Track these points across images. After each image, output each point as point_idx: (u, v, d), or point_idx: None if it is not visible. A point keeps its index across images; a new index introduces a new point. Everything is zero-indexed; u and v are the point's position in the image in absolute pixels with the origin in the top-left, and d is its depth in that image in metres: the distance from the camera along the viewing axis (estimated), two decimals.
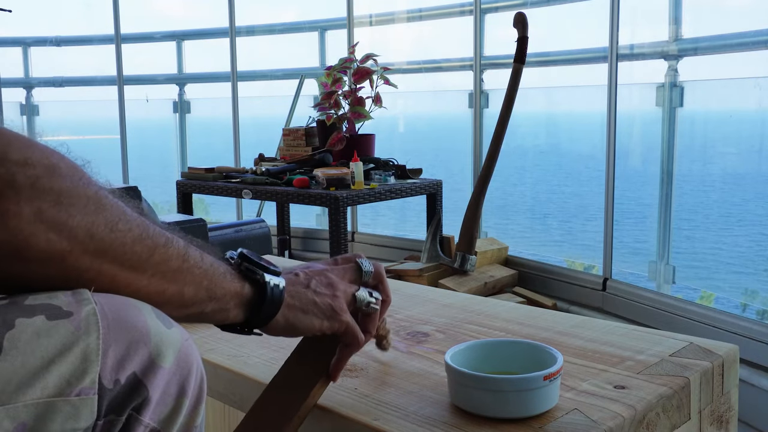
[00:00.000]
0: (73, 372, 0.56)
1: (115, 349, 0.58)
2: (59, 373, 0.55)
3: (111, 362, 0.57)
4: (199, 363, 0.66)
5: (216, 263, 0.71)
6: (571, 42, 3.46)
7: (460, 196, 3.71)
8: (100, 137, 5.99)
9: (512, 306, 1.23)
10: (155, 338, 0.60)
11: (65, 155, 0.62)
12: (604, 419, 0.77)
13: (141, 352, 0.59)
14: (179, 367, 0.62)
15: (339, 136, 3.24)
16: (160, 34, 5.26)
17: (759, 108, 2.74)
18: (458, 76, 3.94)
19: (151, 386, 0.59)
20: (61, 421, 0.55)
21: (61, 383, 0.55)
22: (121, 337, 0.58)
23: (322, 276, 0.80)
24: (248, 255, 0.75)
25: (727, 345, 0.97)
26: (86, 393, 0.56)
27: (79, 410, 0.56)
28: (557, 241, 4.11)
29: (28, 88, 5.32)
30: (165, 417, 0.61)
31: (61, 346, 0.56)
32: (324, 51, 4.53)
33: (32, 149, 0.58)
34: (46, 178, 0.57)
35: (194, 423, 0.65)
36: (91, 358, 0.56)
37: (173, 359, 0.61)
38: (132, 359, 0.58)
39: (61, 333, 0.56)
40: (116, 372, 0.57)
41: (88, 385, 0.56)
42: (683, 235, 3.13)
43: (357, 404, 0.84)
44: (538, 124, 4.05)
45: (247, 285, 0.73)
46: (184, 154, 5.14)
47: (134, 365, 0.59)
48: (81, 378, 0.56)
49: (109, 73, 4.88)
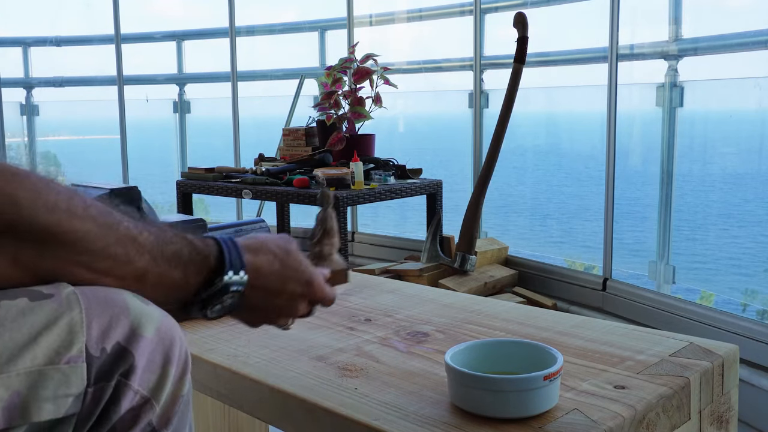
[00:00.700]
0: (61, 343, 0.59)
1: (98, 322, 0.61)
2: (47, 344, 0.59)
3: (95, 333, 0.61)
4: (182, 336, 0.69)
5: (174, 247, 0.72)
6: (571, 42, 3.46)
7: (460, 196, 3.70)
8: (100, 137, 5.99)
9: (512, 306, 1.23)
10: (134, 312, 0.64)
11: None
12: (604, 419, 0.77)
13: (122, 324, 0.63)
14: (161, 338, 0.65)
15: (339, 136, 3.24)
16: (160, 34, 5.26)
17: (759, 108, 2.74)
18: (458, 76, 3.94)
19: (137, 353, 0.63)
20: (53, 388, 0.58)
21: (49, 353, 0.59)
22: (103, 311, 0.62)
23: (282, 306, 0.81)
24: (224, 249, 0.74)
25: (727, 345, 0.97)
26: (75, 361, 0.59)
27: (69, 377, 0.59)
28: (557, 241, 4.11)
29: (28, 88, 5.32)
30: (153, 385, 0.64)
31: (47, 321, 0.59)
32: (324, 51, 4.53)
33: None
34: None
35: (181, 392, 0.67)
36: (76, 330, 0.60)
37: (154, 330, 0.65)
38: (115, 330, 0.62)
39: (45, 310, 0.60)
40: (101, 342, 0.61)
41: (75, 353, 0.59)
42: (683, 235, 3.12)
43: (357, 404, 0.84)
44: (538, 124, 4.05)
45: None
46: (184, 154, 5.14)
47: (117, 335, 0.62)
48: (69, 347, 0.59)
49: (109, 73, 4.88)
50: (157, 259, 0.69)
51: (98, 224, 0.64)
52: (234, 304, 0.75)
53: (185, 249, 0.71)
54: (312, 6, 4.92)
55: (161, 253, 0.69)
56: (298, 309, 0.82)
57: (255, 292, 0.77)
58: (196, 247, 0.72)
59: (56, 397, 0.59)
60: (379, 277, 1.54)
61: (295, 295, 0.81)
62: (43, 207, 0.61)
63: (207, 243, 0.73)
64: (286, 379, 0.93)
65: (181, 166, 5.05)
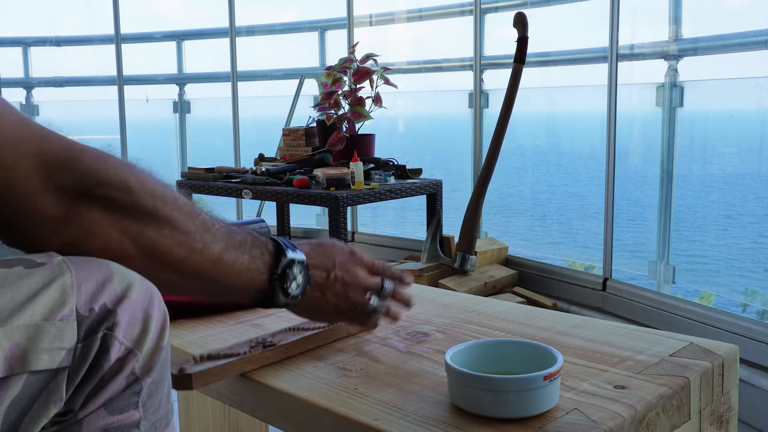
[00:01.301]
0: (55, 302, 0.67)
1: (86, 286, 0.69)
2: (43, 303, 0.66)
3: (84, 296, 0.68)
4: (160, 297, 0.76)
5: None
6: (571, 42, 3.46)
7: (460, 196, 3.70)
8: (100, 137, 5.99)
9: (512, 306, 1.23)
10: (118, 276, 0.72)
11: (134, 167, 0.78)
12: (604, 419, 0.77)
13: (108, 288, 0.70)
14: (142, 297, 0.73)
15: (339, 136, 3.24)
16: (160, 34, 5.26)
17: (759, 108, 2.74)
18: (458, 76, 3.94)
19: (121, 311, 0.70)
20: (49, 341, 0.66)
21: (45, 311, 0.66)
22: (91, 276, 0.70)
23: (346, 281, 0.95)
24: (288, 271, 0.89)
25: (727, 345, 0.97)
26: (67, 318, 0.67)
27: (63, 332, 0.66)
28: (557, 241, 4.11)
29: (28, 88, 5.32)
30: (136, 337, 0.71)
31: (42, 284, 0.67)
32: (324, 51, 4.53)
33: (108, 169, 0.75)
34: None
35: (161, 344, 0.74)
36: (68, 292, 0.68)
37: (136, 291, 0.72)
38: (102, 293, 0.70)
39: (39, 275, 0.68)
40: (90, 303, 0.69)
41: (67, 312, 0.67)
42: (683, 235, 3.13)
43: (357, 404, 0.84)
44: (538, 124, 4.05)
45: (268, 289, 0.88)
46: (184, 154, 5.14)
47: (104, 298, 0.70)
48: (61, 307, 0.67)
49: (109, 73, 4.88)
50: (228, 247, 0.83)
51: (183, 213, 0.79)
52: (306, 278, 0.90)
53: (248, 238, 0.86)
54: (312, 6, 4.92)
55: (231, 241, 0.84)
56: (360, 276, 0.96)
57: (315, 270, 0.92)
58: (255, 237, 0.87)
59: (51, 349, 0.66)
60: None
61: (347, 263, 0.95)
62: (146, 193, 0.76)
63: (262, 233, 0.89)
64: (286, 379, 0.93)
65: (181, 166, 5.05)
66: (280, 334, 1.03)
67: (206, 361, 0.94)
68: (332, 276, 0.94)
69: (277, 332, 1.04)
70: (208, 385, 0.92)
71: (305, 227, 4.41)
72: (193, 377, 0.89)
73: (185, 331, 1.14)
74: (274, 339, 1.01)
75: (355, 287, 0.96)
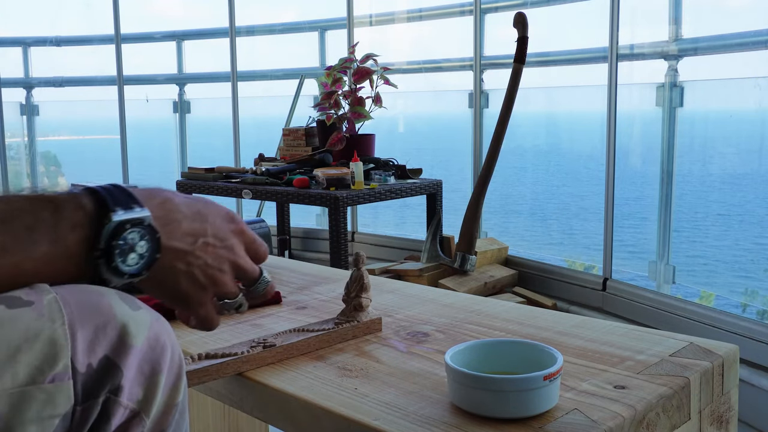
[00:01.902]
0: (44, 359, 0.53)
1: (83, 334, 0.55)
2: (28, 361, 0.53)
3: (81, 346, 0.55)
4: (174, 341, 0.63)
5: None
6: (571, 42, 3.46)
7: (460, 196, 3.70)
8: (100, 137, 5.99)
9: (512, 306, 1.23)
10: (122, 319, 0.58)
11: None
12: (604, 419, 0.77)
13: (110, 334, 0.57)
14: (151, 346, 0.60)
15: (339, 136, 3.24)
16: (160, 34, 5.26)
17: (759, 108, 2.74)
18: (458, 76, 3.94)
19: (125, 366, 0.57)
20: (38, 409, 0.53)
21: (32, 371, 0.53)
22: (87, 321, 0.56)
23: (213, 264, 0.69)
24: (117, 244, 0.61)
25: (727, 345, 0.97)
26: (60, 379, 0.54)
27: (54, 397, 0.54)
28: (557, 241, 4.11)
29: (28, 88, 5.32)
30: (142, 397, 0.59)
31: (26, 334, 0.53)
32: (324, 51, 4.53)
33: None
34: None
35: (174, 401, 0.62)
36: (60, 343, 0.54)
37: (143, 338, 0.59)
38: (101, 342, 0.56)
39: (24, 320, 0.54)
40: (88, 356, 0.55)
41: (61, 370, 0.54)
42: (683, 235, 3.13)
43: (357, 404, 0.84)
44: (538, 124, 4.05)
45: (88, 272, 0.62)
46: (184, 154, 5.14)
47: (104, 348, 0.56)
48: (53, 364, 0.54)
49: (109, 73, 4.88)
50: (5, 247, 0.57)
51: None
52: (148, 243, 0.62)
53: (44, 214, 0.59)
54: (312, 6, 4.92)
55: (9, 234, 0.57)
56: (238, 254, 0.70)
57: (171, 230, 0.65)
58: (54, 197, 0.60)
59: (41, 419, 0.53)
60: (379, 277, 1.54)
61: (223, 231, 0.69)
62: None
63: (76, 196, 0.61)
64: (286, 379, 0.93)
65: (181, 166, 5.05)
66: (283, 334, 1.03)
67: (203, 359, 0.93)
68: (200, 243, 0.67)
69: (280, 333, 1.04)
70: (203, 383, 0.92)
71: (305, 227, 4.41)
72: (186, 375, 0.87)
73: (185, 331, 1.14)
74: (276, 340, 1.01)
75: (225, 267, 0.70)
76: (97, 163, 6.16)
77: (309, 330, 1.04)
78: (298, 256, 4.17)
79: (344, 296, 1.09)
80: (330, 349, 1.03)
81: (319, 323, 1.07)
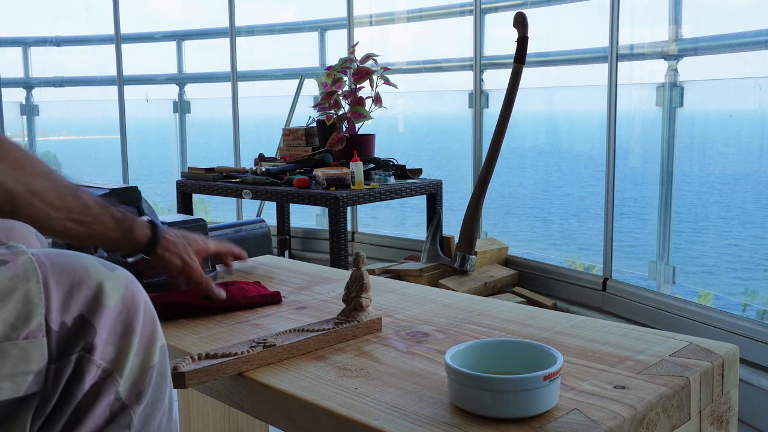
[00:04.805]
0: (17, 316, 0.54)
1: (57, 292, 0.57)
2: (2, 318, 0.54)
3: (55, 305, 0.56)
4: (148, 304, 0.65)
5: None
6: (571, 42, 3.46)
7: (460, 196, 3.70)
8: (100, 137, 5.99)
9: (512, 306, 1.23)
10: (96, 279, 0.60)
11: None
12: (604, 419, 0.77)
13: (84, 293, 0.58)
14: (125, 306, 0.61)
15: (339, 136, 3.24)
16: (160, 34, 5.26)
17: (759, 108, 2.74)
18: (458, 76, 3.94)
19: (99, 325, 0.58)
20: (11, 365, 0.54)
21: (5, 328, 0.54)
22: (62, 280, 0.58)
23: None
24: None
25: (727, 345, 0.97)
26: (34, 336, 0.55)
27: (28, 353, 0.54)
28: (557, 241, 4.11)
29: (28, 88, 5.32)
30: (114, 357, 0.60)
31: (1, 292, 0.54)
32: (324, 51, 4.53)
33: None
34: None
35: (150, 363, 0.63)
36: (34, 301, 0.55)
37: (118, 297, 0.61)
38: (76, 300, 0.58)
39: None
40: (61, 314, 0.57)
41: (35, 327, 0.55)
42: (683, 235, 3.13)
43: (357, 404, 0.84)
44: (538, 124, 4.04)
45: None
46: (184, 154, 5.14)
47: (79, 306, 0.58)
48: (26, 321, 0.55)
49: (109, 73, 4.88)
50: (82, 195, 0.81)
51: None
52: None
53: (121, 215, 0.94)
54: (312, 6, 4.92)
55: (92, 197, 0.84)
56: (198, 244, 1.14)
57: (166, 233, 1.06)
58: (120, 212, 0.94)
59: (15, 375, 0.54)
60: (379, 277, 1.54)
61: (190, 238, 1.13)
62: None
63: None
64: (286, 379, 0.93)
65: (181, 166, 5.05)
66: (283, 334, 1.03)
67: (203, 359, 0.93)
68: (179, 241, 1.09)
69: (280, 333, 1.04)
70: (203, 383, 0.92)
71: (305, 227, 4.41)
72: (186, 375, 0.86)
73: (185, 331, 1.14)
74: (276, 340, 1.01)
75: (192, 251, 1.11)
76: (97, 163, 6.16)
77: (309, 330, 1.04)
78: (298, 256, 4.17)
79: (344, 296, 1.09)
80: (330, 349, 1.03)
81: (319, 323, 1.07)
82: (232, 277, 1.46)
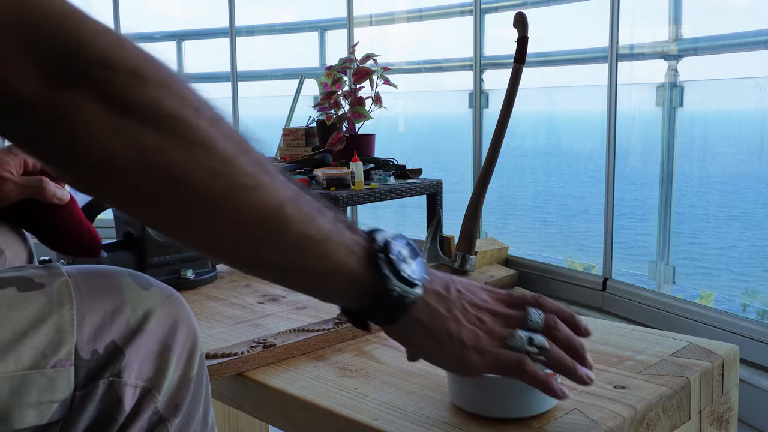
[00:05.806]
0: (48, 344, 0.53)
1: (90, 319, 0.55)
2: (33, 345, 0.53)
3: (87, 332, 0.55)
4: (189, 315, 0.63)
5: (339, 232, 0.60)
6: (571, 42, 3.46)
7: (460, 196, 3.70)
8: None
9: None
10: (132, 303, 0.58)
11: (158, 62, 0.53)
12: (604, 419, 0.77)
13: (118, 321, 0.57)
14: (161, 326, 0.60)
15: (339, 136, 3.24)
16: (160, 34, 5.26)
17: (759, 108, 2.74)
18: (458, 76, 3.94)
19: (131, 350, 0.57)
20: (37, 394, 0.53)
21: (35, 356, 0.53)
22: (97, 306, 0.56)
23: (474, 302, 0.67)
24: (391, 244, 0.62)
25: (727, 345, 0.97)
26: (62, 365, 0.54)
27: (54, 382, 0.53)
28: (557, 241, 4.11)
29: None
30: (153, 374, 0.59)
31: (34, 318, 0.53)
32: (324, 51, 4.53)
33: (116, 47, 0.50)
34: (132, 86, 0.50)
35: (188, 376, 0.62)
36: (65, 329, 0.54)
37: (154, 319, 0.59)
38: (109, 328, 0.56)
39: (33, 305, 0.54)
40: (93, 342, 0.55)
41: (63, 356, 0.54)
42: (683, 235, 3.13)
43: (357, 404, 0.84)
44: (538, 124, 4.05)
45: (369, 276, 0.60)
46: None
47: (112, 333, 0.56)
48: (56, 350, 0.54)
49: None
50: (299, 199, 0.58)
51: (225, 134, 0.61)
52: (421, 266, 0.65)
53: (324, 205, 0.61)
54: (312, 6, 4.92)
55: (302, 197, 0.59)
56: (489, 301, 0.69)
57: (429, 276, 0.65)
58: None
59: (40, 404, 0.53)
60: None
61: (466, 283, 0.68)
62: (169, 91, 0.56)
63: None
64: (286, 379, 0.93)
65: None
66: (283, 334, 1.03)
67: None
68: (453, 289, 0.66)
69: (280, 333, 1.04)
70: None
71: None
72: None
73: None
74: (276, 340, 1.01)
75: (485, 311, 0.67)
76: None
77: (309, 330, 1.04)
78: None
79: None
80: (330, 349, 1.03)
81: (319, 323, 1.07)
82: (232, 277, 1.46)
